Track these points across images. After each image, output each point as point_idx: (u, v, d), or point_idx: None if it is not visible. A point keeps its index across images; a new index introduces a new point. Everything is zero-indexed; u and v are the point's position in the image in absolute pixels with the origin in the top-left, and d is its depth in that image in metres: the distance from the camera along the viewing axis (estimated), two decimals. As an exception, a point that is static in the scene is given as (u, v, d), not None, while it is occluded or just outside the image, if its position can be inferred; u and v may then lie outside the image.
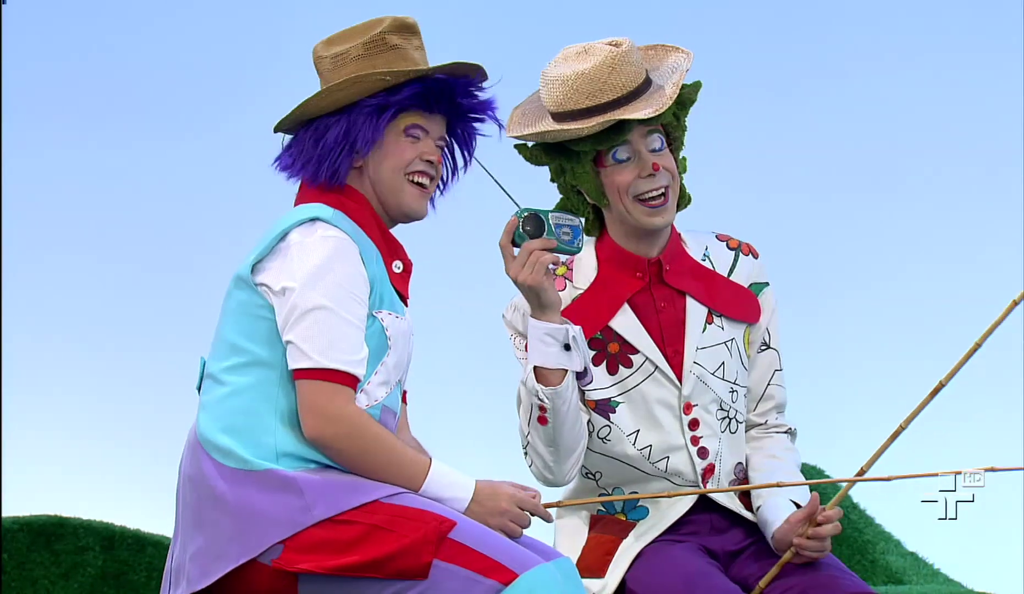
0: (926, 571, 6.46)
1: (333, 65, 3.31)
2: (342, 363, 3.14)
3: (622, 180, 3.53)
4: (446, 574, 3.07)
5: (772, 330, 3.70)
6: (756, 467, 3.67)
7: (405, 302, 3.34)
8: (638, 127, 3.52)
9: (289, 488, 3.12)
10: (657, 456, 3.59)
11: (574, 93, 3.50)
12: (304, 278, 3.16)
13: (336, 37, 3.34)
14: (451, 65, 3.31)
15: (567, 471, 3.54)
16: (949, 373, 3.42)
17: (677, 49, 3.64)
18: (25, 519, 6.65)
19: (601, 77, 3.49)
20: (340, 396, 3.14)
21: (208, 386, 3.24)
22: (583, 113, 3.51)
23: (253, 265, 3.21)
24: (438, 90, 3.29)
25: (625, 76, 3.51)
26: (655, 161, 3.53)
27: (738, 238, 3.72)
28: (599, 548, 3.60)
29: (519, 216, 3.35)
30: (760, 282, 3.70)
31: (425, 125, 3.31)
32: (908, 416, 3.45)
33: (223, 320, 3.25)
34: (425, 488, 3.16)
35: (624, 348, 3.59)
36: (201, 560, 3.16)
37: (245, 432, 3.16)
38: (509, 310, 3.60)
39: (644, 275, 3.61)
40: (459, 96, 3.33)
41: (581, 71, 3.50)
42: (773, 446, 3.69)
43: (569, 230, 3.38)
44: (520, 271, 3.35)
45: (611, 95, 3.50)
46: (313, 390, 3.14)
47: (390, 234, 3.32)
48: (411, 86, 3.27)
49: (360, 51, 3.30)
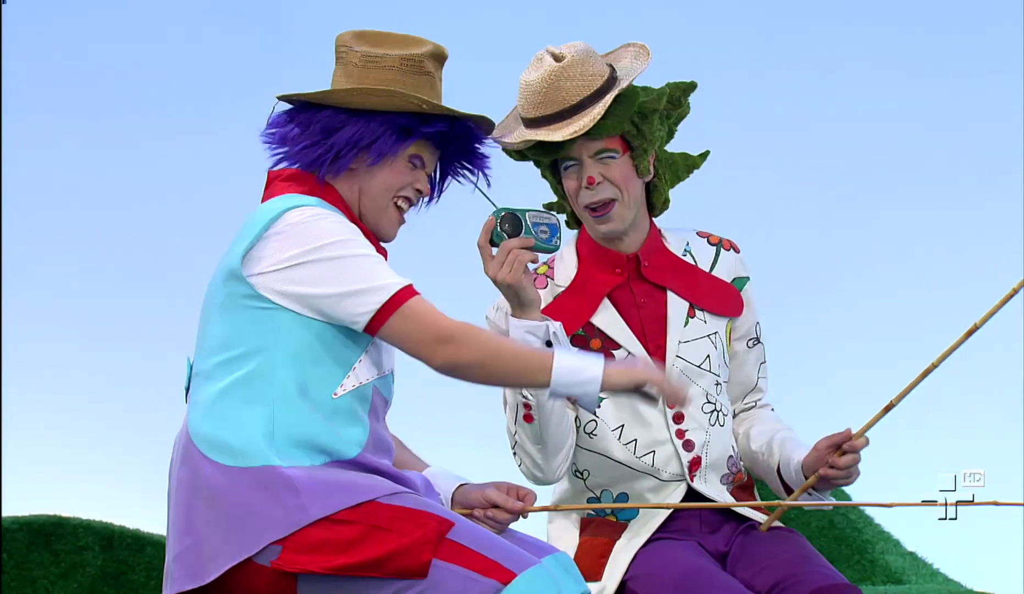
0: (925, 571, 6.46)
1: (362, 63, 3.30)
2: (397, 284, 3.14)
3: (570, 187, 3.60)
4: (445, 573, 3.07)
5: (759, 324, 3.73)
6: (754, 438, 3.71)
7: None
8: (583, 139, 3.54)
9: (286, 487, 3.11)
10: (643, 451, 3.60)
11: (524, 101, 3.57)
12: (313, 247, 3.15)
13: (370, 35, 3.34)
14: (479, 117, 3.33)
15: (556, 468, 3.55)
16: (943, 354, 3.46)
17: (641, 51, 3.64)
18: (25, 519, 6.65)
19: (542, 90, 3.54)
20: (427, 312, 3.13)
21: (198, 384, 3.23)
22: (530, 122, 3.57)
23: (243, 256, 3.20)
24: (458, 134, 3.32)
25: (565, 92, 3.54)
26: (591, 175, 3.55)
27: (719, 235, 3.74)
28: (593, 551, 3.61)
29: (496, 216, 3.37)
30: (742, 276, 3.72)
31: (426, 158, 3.32)
32: (899, 393, 3.48)
33: (209, 317, 3.23)
34: (555, 377, 3.13)
35: (606, 344, 3.60)
36: (188, 560, 3.15)
37: (240, 425, 3.15)
38: (492, 310, 3.62)
39: (623, 271, 3.63)
40: (471, 147, 3.36)
41: (528, 81, 3.57)
42: (766, 416, 3.75)
43: (547, 228, 3.39)
44: (499, 270, 3.36)
45: (549, 110, 3.54)
46: (401, 325, 3.13)
47: (364, 228, 3.32)
48: (441, 123, 3.28)
49: (395, 63, 3.29)
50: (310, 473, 3.13)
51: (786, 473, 3.64)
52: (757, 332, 3.73)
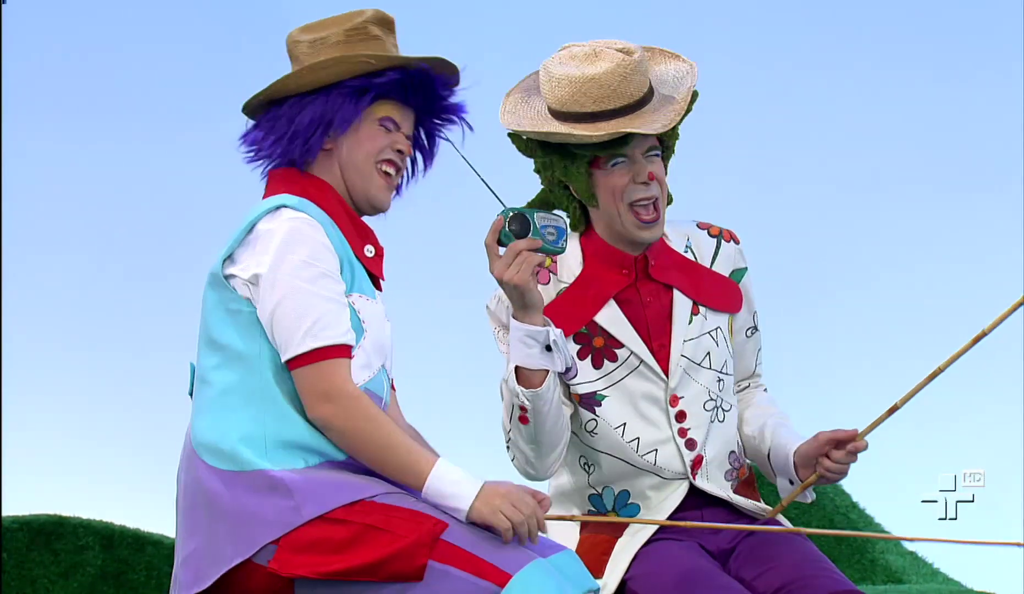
0: (925, 570, 6.47)
1: (311, 49, 3.31)
2: (327, 338, 3.15)
3: (617, 184, 3.54)
4: (440, 576, 3.06)
5: (757, 313, 3.75)
6: (747, 421, 3.73)
7: (379, 286, 3.33)
8: (639, 135, 3.52)
9: (277, 489, 3.12)
10: (645, 449, 3.59)
11: (581, 96, 3.51)
12: (272, 263, 3.16)
13: (314, 25, 3.35)
14: (433, 58, 3.33)
15: (549, 466, 3.55)
16: (949, 359, 3.45)
17: (677, 57, 3.65)
18: (25, 518, 6.66)
19: (611, 84, 3.50)
20: (337, 372, 3.15)
21: (198, 388, 3.25)
22: (587, 116, 3.51)
23: (224, 260, 3.22)
24: (418, 81, 3.31)
25: (634, 86, 3.52)
26: (651, 170, 3.54)
27: (719, 225, 3.74)
28: (594, 548, 3.60)
29: (505, 215, 3.35)
30: (740, 268, 3.72)
31: (398, 119, 3.32)
32: (904, 395, 3.48)
33: (202, 320, 3.25)
34: (429, 483, 3.14)
35: (609, 342, 3.59)
36: (194, 564, 3.16)
37: (234, 428, 3.16)
38: (493, 301, 3.61)
39: (630, 272, 3.62)
40: (437, 91, 3.33)
41: (591, 75, 3.50)
42: (760, 399, 3.77)
43: (554, 230, 3.38)
44: (506, 270, 3.34)
45: (618, 103, 3.51)
46: (310, 375, 3.14)
47: (359, 219, 3.32)
48: (393, 72, 3.28)
49: (341, 37, 3.30)
50: (303, 474, 3.14)
51: (775, 461, 3.66)
52: (755, 321, 3.74)
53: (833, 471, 3.56)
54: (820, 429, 3.61)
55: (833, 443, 3.56)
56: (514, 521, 3.11)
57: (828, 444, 3.57)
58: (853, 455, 3.56)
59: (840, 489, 6.81)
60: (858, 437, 3.54)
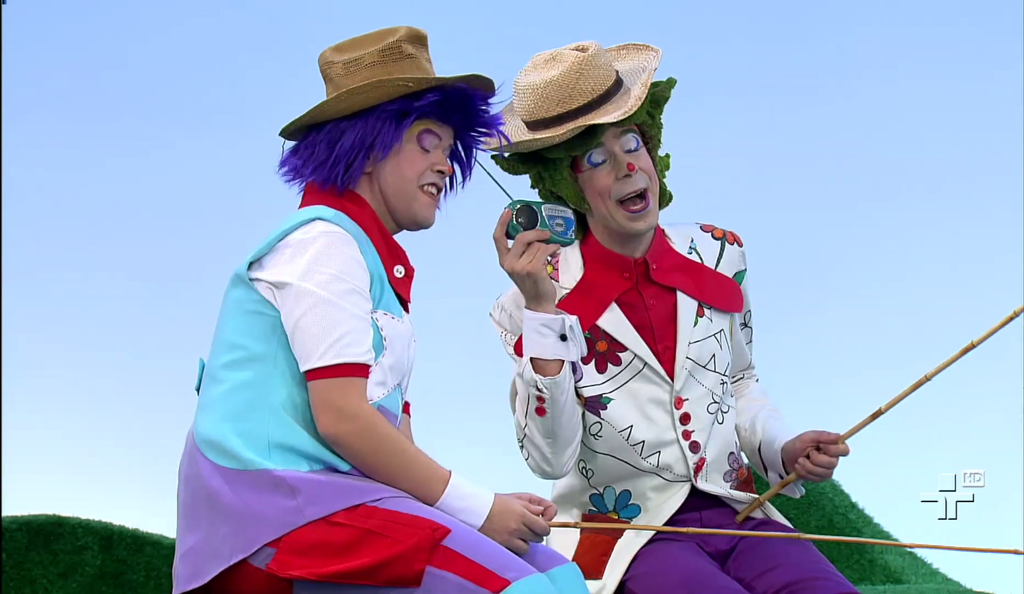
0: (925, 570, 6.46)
1: (345, 70, 3.31)
2: (350, 356, 3.15)
3: (602, 184, 3.56)
4: (439, 581, 3.07)
5: (751, 312, 3.77)
6: (739, 411, 3.75)
7: (406, 308, 3.34)
8: (611, 129, 3.54)
9: (281, 488, 3.12)
10: (649, 451, 3.60)
11: (544, 100, 3.54)
12: (304, 272, 3.17)
13: (347, 44, 3.35)
14: (469, 77, 3.33)
15: (565, 462, 3.55)
16: (937, 368, 3.47)
17: (647, 47, 3.66)
18: (24, 519, 6.65)
19: (569, 83, 3.53)
20: (353, 391, 3.15)
21: (206, 385, 3.25)
22: (554, 120, 3.54)
23: (250, 263, 3.22)
24: (456, 100, 3.31)
25: (593, 80, 3.53)
26: (630, 162, 3.54)
27: (722, 227, 3.75)
28: (594, 549, 3.61)
29: (512, 208, 3.36)
30: (742, 270, 3.74)
31: (438, 132, 3.32)
32: (889, 401, 3.49)
33: (220, 319, 3.26)
34: (442, 501, 3.16)
35: (612, 346, 3.60)
36: (192, 559, 3.17)
37: (240, 427, 3.17)
38: (496, 310, 3.62)
39: (631, 275, 3.62)
40: (475, 108, 3.34)
41: (550, 78, 3.53)
42: (752, 391, 3.80)
43: (562, 222, 3.39)
44: (517, 261, 3.35)
45: (580, 100, 3.53)
46: (326, 388, 3.15)
47: (392, 239, 3.33)
48: (432, 94, 3.29)
49: (375, 58, 3.31)
50: (306, 476, 3.14)
51: (766, 454, 3.68)
52: (747, 319, 3.77)
53: (812, 473, 3.59)
54: (810, 428, 3.63)
55: (815, 445, 3.58)
56: (528, 541, 3.19)
57: (811, 444, 3.59)
58: (834, 458, 3.57)
59: (839, 489, 6.81)
60: (839, 441, 3.56)
